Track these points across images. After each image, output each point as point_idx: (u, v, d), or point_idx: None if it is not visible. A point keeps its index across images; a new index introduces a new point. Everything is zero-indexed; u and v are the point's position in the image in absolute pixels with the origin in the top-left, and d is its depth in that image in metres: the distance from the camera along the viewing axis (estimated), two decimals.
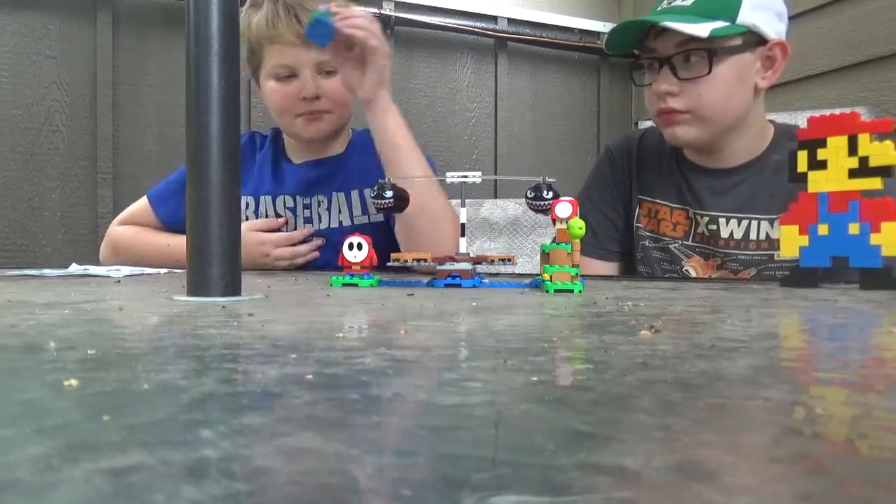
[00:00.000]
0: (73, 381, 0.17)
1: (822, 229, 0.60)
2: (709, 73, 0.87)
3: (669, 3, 0.91)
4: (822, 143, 0.60)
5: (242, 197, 1.10)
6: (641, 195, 1.02)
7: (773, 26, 0.90)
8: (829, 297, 0.49)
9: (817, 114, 0.68)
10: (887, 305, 0.42)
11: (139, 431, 0.13)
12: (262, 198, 1.11)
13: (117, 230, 1.16)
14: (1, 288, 0.56)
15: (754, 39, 0.88)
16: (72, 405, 0.15)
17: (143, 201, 1.16)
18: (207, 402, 0.15)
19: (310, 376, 0.19)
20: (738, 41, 0.87)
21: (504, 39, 2.07)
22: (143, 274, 0.82)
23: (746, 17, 0.86)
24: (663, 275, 0.98)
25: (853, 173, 0.58)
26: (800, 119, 1.06)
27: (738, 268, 0.92)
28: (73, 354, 0.22)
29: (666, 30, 0.87)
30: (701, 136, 0.92)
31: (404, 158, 0.93)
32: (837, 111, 1.11)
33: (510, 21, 2.06)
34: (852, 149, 0.58)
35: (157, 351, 0.23)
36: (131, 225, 1.16)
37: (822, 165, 0.60)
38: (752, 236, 0.92)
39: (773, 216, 0.90)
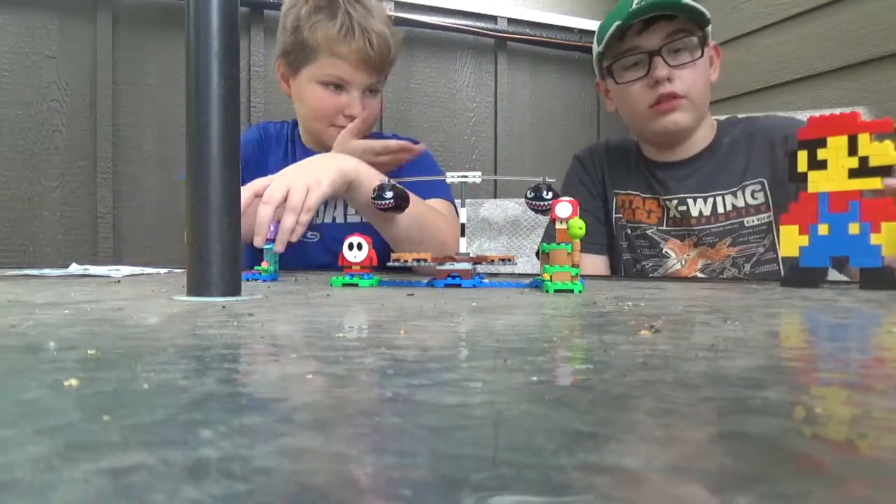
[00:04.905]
0: (73, 381, 0.17)
1: (822, 229, 0.60)
2: (702, 55, 0.96)
3: (639, 3, 0.97)
4: (822, 143, 0.60)
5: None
6: (615, 189, 1.10)
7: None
8: (830, 297, 0.49)
9: (817, 114, 0.68)
10: (887, 305, 0.42)
11: (139, 431, 0.13)
12: None
13: None
14: (1, 288, 0.56)
15: (706, 38, 1.00)
16: (72, 405, 0.15)
17: None
18: (207, 402, 0.15)
19: (310, 376, 0.19)
20: (703, 34, 0.98)
21: (504, 39, 2.07)
22: (143, 274, 0.82)
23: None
24: (646, 259, 1.06)
25: (853, 173, 0.58)
26: (800, 119, 1.06)
27: (713, 240, 1.00)
28: (73, 354, 0.22)
29: (651, 25, 0.96)
30: (692, 121, 1.00)
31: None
32: (837, 111, 1.11)
33: (510, 21, 2.06)
34: (852, 149, 0.58)
35: (157, 351, 0.23)
36: None
37: (822, 165, 0.60)
38: (720, 210, 1.00)
39: (735, 188, 0.99)
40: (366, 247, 0.63)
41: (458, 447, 0.12)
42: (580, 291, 0.53)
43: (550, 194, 0.62)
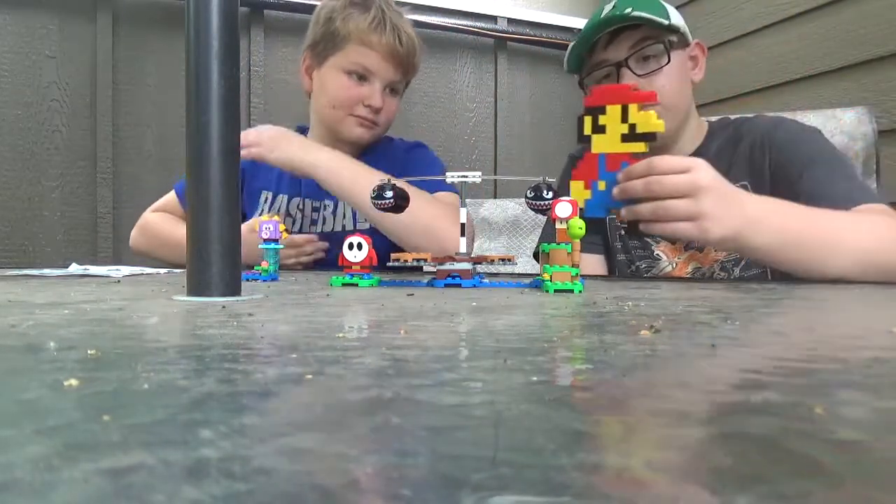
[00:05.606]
0: (73, 381, 0.17)
1: (601, 185, 0.71)
2: (668, 61, 0.96)
3: (604, 15, 0.98)
4: (602, 111, 0.70)
5: (263, 191, 1.16)
6: None
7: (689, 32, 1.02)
8: (829, 296, 0.49)
9: (817, 113, 0.69)
10: (886, 306, 0.42)
11: (139, 431, 0.13)
12: (280, 196, 1.16)
13: (150, 216, 1.21)
14: (1, 288, 0.56)
15: (683, 40, 0.99)
16: (72, 405, 0.15)
17: (171, 193, 1.21)
18: (207, 402, 0.15)
19: (310, 376, 0.19)
20: (675, 38, 0.98)
21: (504, 39, 2.07)
22: (142, 274, 0.82)
23: (675, 20, 0.96)
24: (639, 261, 1.06)
25: (624, 138, 0.68)
26: (799, 119, 1.06)
27: (701, 245, 1.00)
28: (73, 354, 0.22)
29: (616, 37, 0.96)
30: (668, 128, 1.00)
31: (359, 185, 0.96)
32: (838, 111, 1.11)
33: (510, 21, 2.06)
34: (624, 117, 0.69)
35: (157, 351, 0.23)
36: (163, 213, 1.21)
37: (602, 130, 0.70)
38: None
39: None
40: (366, 247, 0.63)
41: (458, 447, 0.12)
42: (580, 291, 0.53)
43: (550, 194, 0.62)
